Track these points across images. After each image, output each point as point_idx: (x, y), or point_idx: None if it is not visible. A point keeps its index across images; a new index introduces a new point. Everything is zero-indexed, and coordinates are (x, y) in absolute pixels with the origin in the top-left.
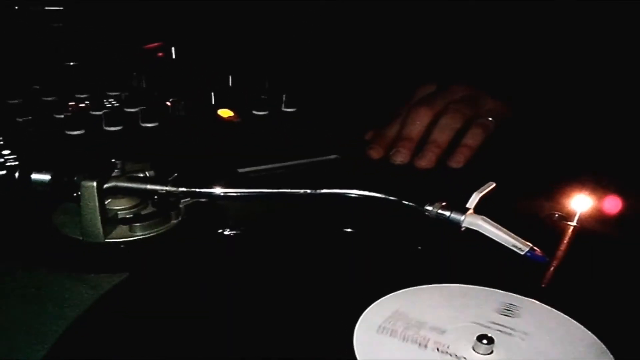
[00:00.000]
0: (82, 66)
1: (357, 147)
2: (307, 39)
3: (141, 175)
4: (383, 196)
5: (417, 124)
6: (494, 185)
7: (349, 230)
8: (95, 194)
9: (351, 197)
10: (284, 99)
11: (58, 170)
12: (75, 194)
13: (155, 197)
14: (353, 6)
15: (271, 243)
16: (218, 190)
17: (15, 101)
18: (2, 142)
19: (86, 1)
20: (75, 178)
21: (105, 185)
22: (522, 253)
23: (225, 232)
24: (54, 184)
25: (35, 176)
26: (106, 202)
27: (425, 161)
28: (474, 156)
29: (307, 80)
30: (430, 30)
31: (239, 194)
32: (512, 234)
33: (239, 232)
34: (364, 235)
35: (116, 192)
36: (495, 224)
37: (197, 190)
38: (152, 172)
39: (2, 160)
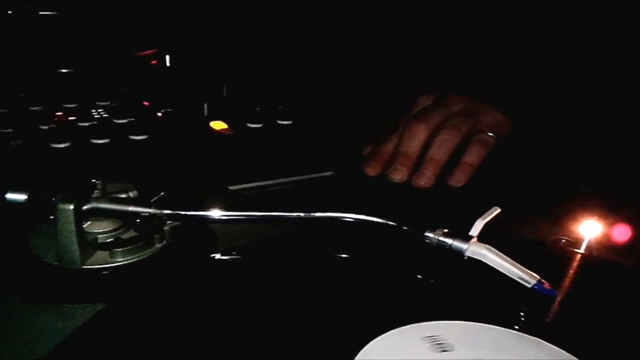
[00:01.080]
0: (72, 74)
1: (354, 163)
2: (304, 48)
3: (124, 196)
4: (381, 221)
5: (415, 140)
6: (499, 210)
7: (343, 255)
8: (73, 217)
9: (348, 221)
10: (279, 111)
11: (35, 190)
12: (51, 217)
13: (138, 220)
14: (349, 12)
15: (263, 269)
16: (206, 214)
17: (1, 110)
18: None
19: (79, 5)
20: (53, 199)
21: (84, 207)
22: (528, 286)
23: (215, 257)
24: (30, 205)
25: (10, 195)
26: (85, 225)
27: (424, 180)
28: (475, 174)
29: (304, 91)
30: (428, 37)
31: (228, 217)
32: (519, 265)
33: (229, 256)
34: (359, 262)
35: (96, 214)
36: (501, 254)
37: (183, 213)
38: (135, 193)
39: None
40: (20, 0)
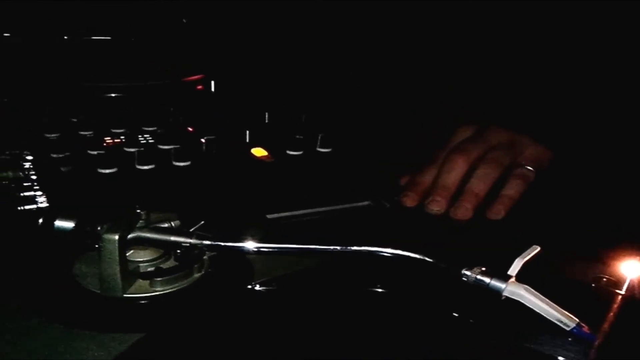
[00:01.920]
0: (120, 98)
1: (391, 193)
2: (346, 78)
3: (166, 225)
4: (419, 257)
5: (454, 173)
6: (538, 249)
7: (379, 290)
8: (117, 247)
9: (386, 256)
10: (319, 138)
11: (82, 218)
12: (96, 245)
13: (179, 250)
14: (391, 45)
15: (299, 301)
16: (243, 245)
17: (53, 136)
18: (35, 177)
19: (127, 31)
20: (98, 228)
21: (128, 236)
22: (567, 329)
23: (251, 288)
24: (77, 233)
25: (58, 223)
26: (127, 254)
27: (462, 211)
28: (515, 209)
29: (345, 120)
30: (469, 69)
31: (265, 249)
32: (557, 307)
33: (265, 288)
34: (395, 296)
35: (139, 243)
36: (539, 295)
37: (222, 244)
38: (177, 222)
39: (32, 194)
40: (73, 25)
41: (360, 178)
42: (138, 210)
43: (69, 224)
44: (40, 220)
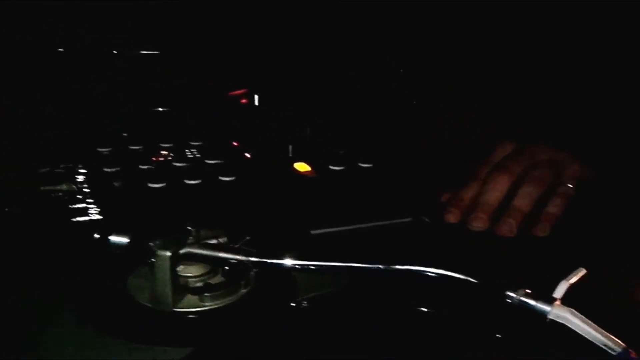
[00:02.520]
0: (169, 113)
1: (433, 209)
2: (387, 93)
3: (214, 242)
4: (463, 277)
5: (496, 190)
6: (584, 272)
7: (424, 309)
8: (169, 263)
9: (429, 275)
10: (360, 154)
11: (136, 234)
12: (149, 260)
13: (227, 266)
14: (432, 63)
15: (345, 317)
16: (286, 262)
17: (106, 150)
18: (87, 190)
19: (174, 46)
20: (151, 244)
21: (180, 252)
22: (613, 354)
23: (295, 305)
24: (131, 248)
25: (113, 238)
26: (178, 269)
27: (507, 227)
28: (560, 231)
29: (386, 135)
30: (508, 87)
31: (309, 266)
32: (603, 331)
33: (309, 304)
34: (438, 316)
35: (189, 259)
36: (585, 319)
37: (268, 261)
38: (225, 239)
39: (84, 206)
40: (121, 40)
41: (401, 194)
42: (188, 228)
43: (124, 240)
44: (96, 235)
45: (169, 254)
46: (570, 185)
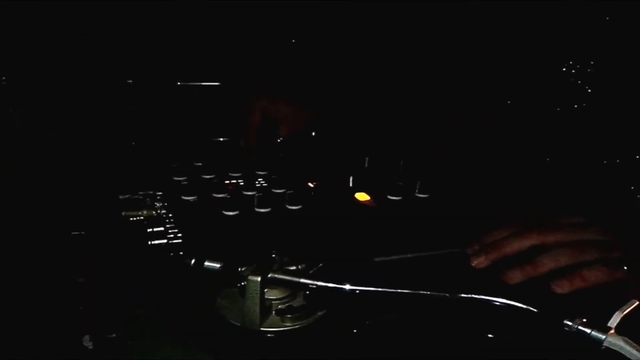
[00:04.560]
0: (226, 142)
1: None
2: (441, 124)
3: (294, 268)
4: (524, 306)
5: (518, 242)
6: (637, 303)
7: (490, 336)
8: (259, 288)
9: (492, 304)
10: (418, 185)
11: (227, 261)
12: (239, 284)
13: (307, 291)
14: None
15: (411, 337)
16: (353, 288)
17: (182, 179)
18: (166, 216)
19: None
20: (241, 269)
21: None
22: None
23: (366, 326)
24: (222, 272)
25: (207, 264)
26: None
27: (511, 277)
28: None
29: (441, 167)
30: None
31: (375, 292)
32: None
33: (379, 326)
34: (503, 342)
35: (273, 283)
36: (638, 347)
37: (346, 287)
38: (303, 265)
39: (163, 229)
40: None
41: (455, 224)
42: (273, 255)
43: (217, 265)
44: (192, 261)
45: (259, 279)
46: (625, 268)
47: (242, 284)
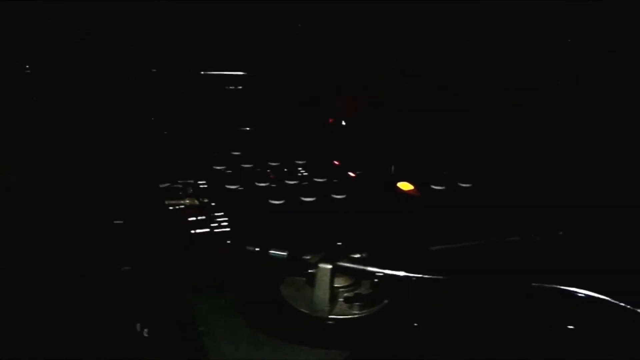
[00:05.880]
0: (271, 132)
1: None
2: (482, 113)
3: (358, 256)
4: (610, 299)
5: None
6: None
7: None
8: (329, 276)
9: (573, 295)
10: (461, 174)
11: (292, 249)
12: (307, 272)
13: (376, 279)
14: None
15: (479, 329)
16: (440, 277)
17: (222, 168)
18: (212, 204)
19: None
20: (307, 258)
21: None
22: None
23: (433, 315)
24: (288, 261)
25: (273, 252)
26: None
27: None
28: None
29: (485, 155)
30: None
31: (449, 280)
32: None
33: (444, 315)
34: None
35: (340, 272)
36: None
37: (416, 275)
38: (366, 254)
39: (205, 217)
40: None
41: (509, 212)
42: (339, 244)
43: (283, 253)
44: (257, 249)
45: (329, 267)
46: None
47: (310, 271)
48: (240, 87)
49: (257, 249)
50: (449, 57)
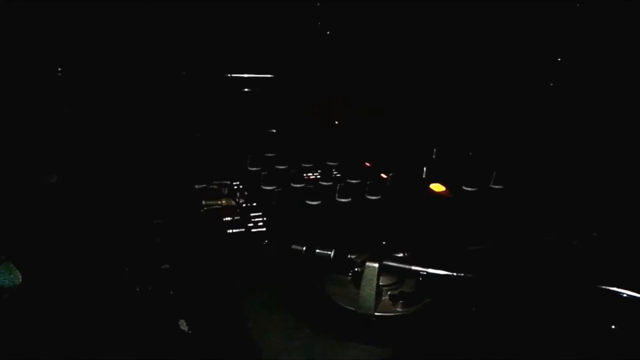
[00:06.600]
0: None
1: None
2: (513, 117)
3: (400, 255)
4: None
5: None
6: None
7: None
8: (376, 274)
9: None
10: (493, 176)
11: (338, 249)
12: (353, 270)
13: (420, 277)
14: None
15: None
16: (464, 275)
17: (257, 169)
18: (249, 205)
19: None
20: (353, 257)
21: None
22: None
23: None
24: (333, 260)
25: (319, 251)
26: None
27: None
28: None
29: (516, 158)
30: None
31: (494, 279)
32: None
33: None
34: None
35: (384, 270)
36: None
37: (453, 274)
38: (408, 253)
39: (239, 218)
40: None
41: (543, 214)
42: (383, 243)
43: (329, 252)
44: (304, 248)
45: (376, 265)
46: None
47: (356, 270)
48: (267, 89)
49: (303, 248)
50: (488, 59)
